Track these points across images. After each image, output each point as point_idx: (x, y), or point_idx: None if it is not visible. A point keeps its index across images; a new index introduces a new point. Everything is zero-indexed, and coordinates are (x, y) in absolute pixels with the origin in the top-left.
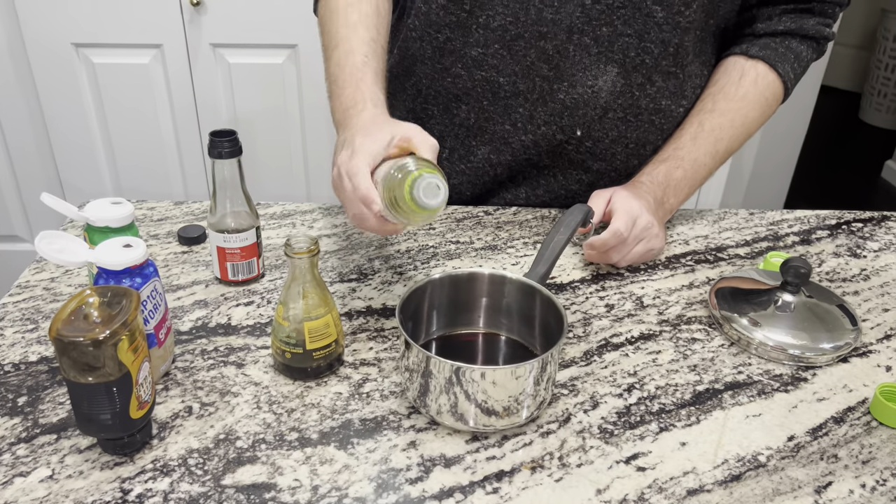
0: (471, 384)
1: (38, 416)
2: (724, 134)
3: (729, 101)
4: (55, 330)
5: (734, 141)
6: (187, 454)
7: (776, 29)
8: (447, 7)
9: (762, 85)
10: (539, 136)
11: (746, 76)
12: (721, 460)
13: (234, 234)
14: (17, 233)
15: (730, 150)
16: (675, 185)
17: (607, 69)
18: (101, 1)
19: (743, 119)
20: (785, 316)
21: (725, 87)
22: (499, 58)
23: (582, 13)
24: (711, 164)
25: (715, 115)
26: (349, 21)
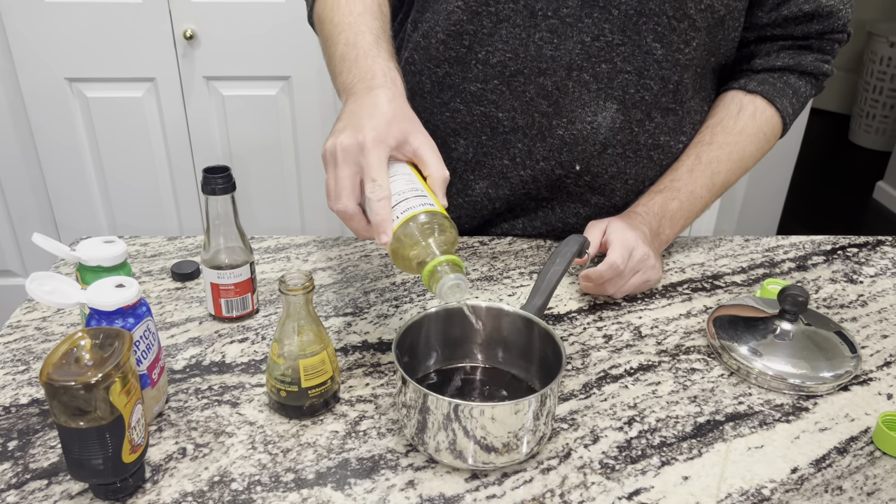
0: (469, 420)
1: (28, 460)
2: (721, 167)
3: (727, 134)
4: (46, 374)
5: (731, 174)
6: (181, 498)
7: (774, 65)
8: (447, 42)
9: (760, 119)
10: (538, 171)
11: (745, 110)
12: (724, 494)
13: (228, 269)
14: (10, 268)
15: (726, 184)
16: (670, 217)
17: (606, 105)
18: (95, 35)
19: (740, 153)
20: (784, 344)
21: (724, 121)
22: (498, 93)
23: (581, 50)
24: (708, 196)
25: (713, 148)
26: (354, 10)
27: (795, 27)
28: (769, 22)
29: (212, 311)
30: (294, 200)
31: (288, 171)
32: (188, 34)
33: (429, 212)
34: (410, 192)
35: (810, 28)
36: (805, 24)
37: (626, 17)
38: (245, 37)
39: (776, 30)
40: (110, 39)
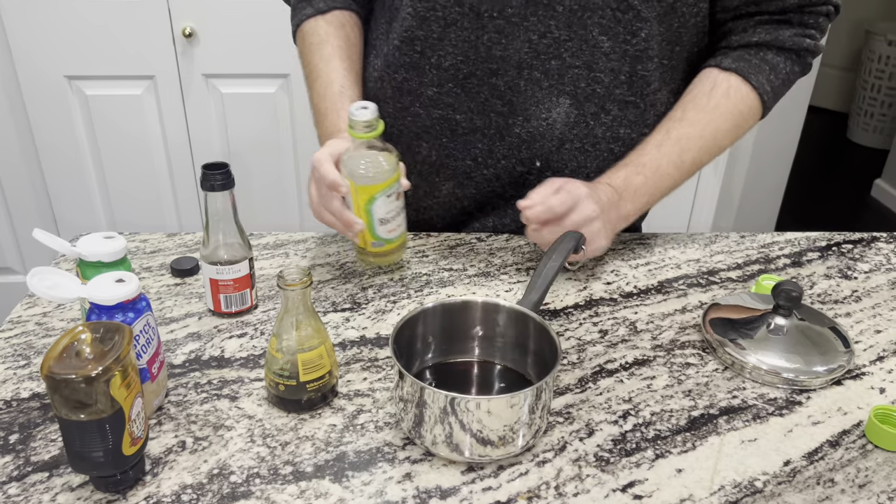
0: (466, 414)
1: (29, 453)
2: (691, 144)
3: (699, 111)
4: (47, 368)
5: (703, 153)
6: (181, 490)
7: (750, 41)
8: (401, 48)
9: (735, 97)
10: (500, 169)
11: (718, 87)
12: (718, 486)
13: (226, 265)
14: (9, 265)
15: (698, 162)
16: (633, 191)
17: (560, 101)
18: (94, 33)
19: (714, 131)
20: (778, 339)
21: (697, 98)
22: (453, 96)
23: (529, 48)
24: (675, 174)
25: (683, 125)
26: (324, 55)
27: (770, 2)
28: (742, 2)
29: (211, 306)
30: (293, 197)
31: (286, 168)
32: (187, 32)
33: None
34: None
35: (786, 3)
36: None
37: (570, 12)
38: (244, 34)
39: (750, 7)
40: (110, 37)
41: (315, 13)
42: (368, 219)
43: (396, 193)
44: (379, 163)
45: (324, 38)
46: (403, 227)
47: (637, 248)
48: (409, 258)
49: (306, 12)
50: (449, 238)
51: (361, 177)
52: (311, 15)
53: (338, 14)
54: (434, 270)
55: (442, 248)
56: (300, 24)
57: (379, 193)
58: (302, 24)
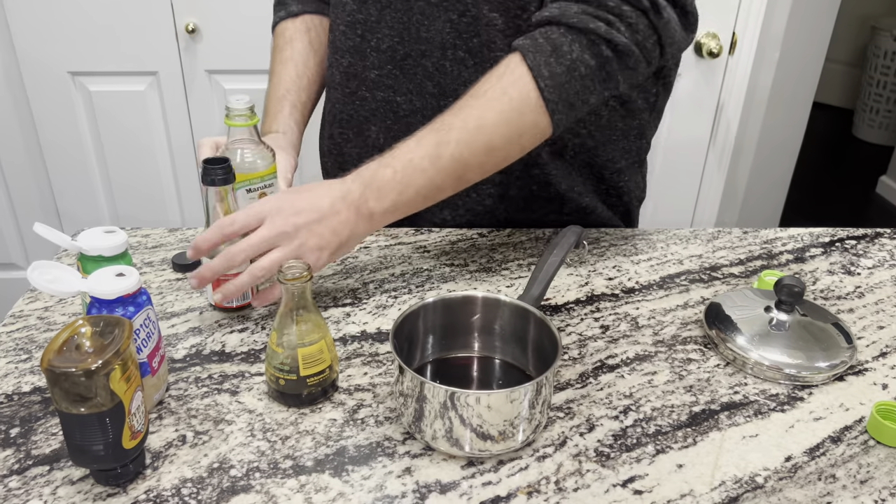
0: (465, 408)
1: (30, 447)
2: (451, 135)
3: (469, 97)
4: (47, 361)
5: (465, 147)
6: (181, 484)
7: (542, 16)
8: (346, 33)
9: (507, 80)
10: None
11: (496, 69)
12: (718, 482)
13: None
14: (13, 260)
15: (459, 159)
16: (379, 187)
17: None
18: (97, 29)
19: (477, 121)
20: (780, 335)
21: (479, 83)
22: (393, 78)
23: (451, 28)
24: (431, 170)
25: (450, 113)
26: (283, 58)
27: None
28: None
29: (212, 301)
30: None
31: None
32: (190, 28)
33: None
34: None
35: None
36: None
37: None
38: (247, 30)
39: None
40: (113, 33)
41: (287, 16)
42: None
43: (261, 193)
44: (244, 155)
45: (287, 41)
46: None
47: (639, 244)
48: (410, 253)
49: (280, 15)
50: (451, 233)
51: None
52: (283, 18)
53: (306, 18)
54: (435, 266)
55: (443, 244)
56: (274, 27)
57: (238, 185)
58: (275, 26)
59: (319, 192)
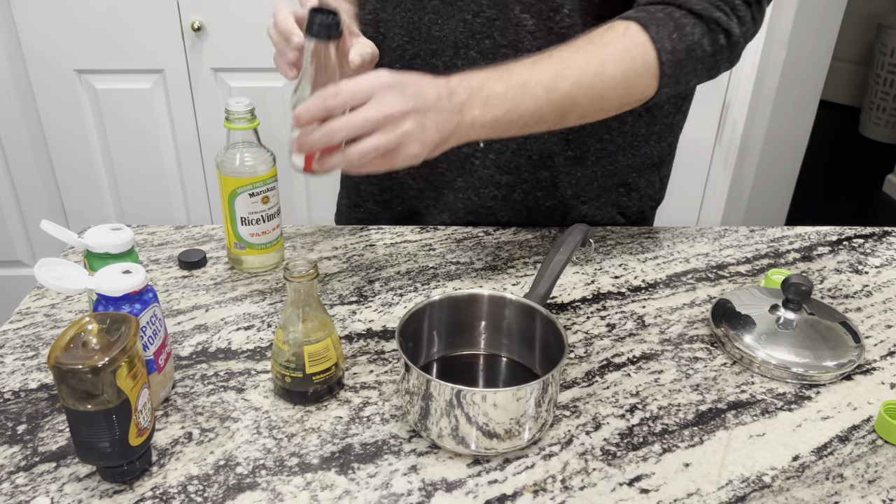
0: (472, 407)
1: (37, 444)
2: (571, 72)
3: (589, 42)
4: (54, 358)
5: (581, 89)
6: (187, 481)
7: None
8: (366, 32)
9: (630, 41)
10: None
11: (614, 29)
12: (725, 481)
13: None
14: (19, 258)
15: (572, 99)
16: (487, 97)
17: None
18: (103, 27)
19: (599, 67)
20: (787, 334)
21: (589, 34)
22: None
23: (465, 28)
24: (543, 98)
25: (569, 49)
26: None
27: None
28: None
29: (299, 164)
30: (301, 191)
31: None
32: (196, 26)
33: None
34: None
35: None
36: None
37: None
38: (253, 28)
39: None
40: (119, 31)
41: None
42: (230, 214)
43: (263, 197)
44: (245, 158)
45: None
46: (273, 237)
47: (645, 242)
48: (416, 251)
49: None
50: (456, 231)
51: (225, 167)
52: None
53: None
54: (441, 264)
55: (449, 242)
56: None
57: (241, 189)
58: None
59: (424, 83)
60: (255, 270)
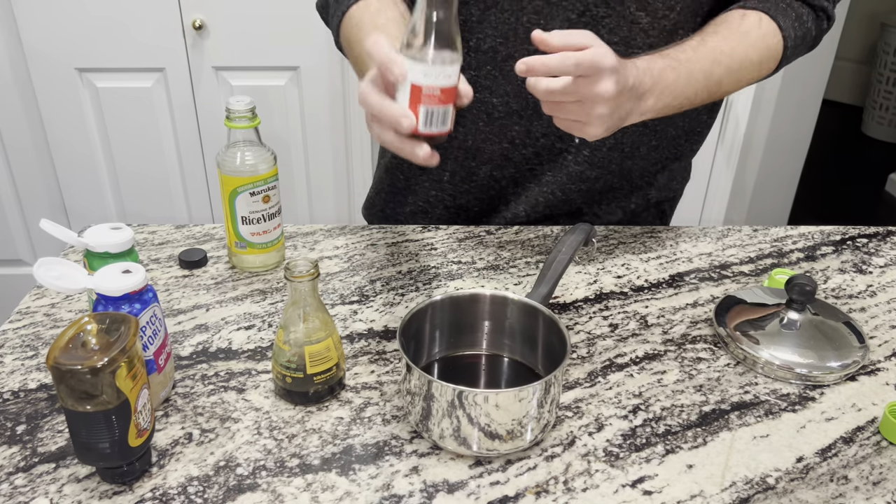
0: (473, 407)
1: (36, 444)
2: (723, 59)
3: (731, 31)
4: (52, 358)
5: (730, 73)
6: (187, 482)
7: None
8: None
9: (765, 30)
10: (539, 147)
11: (749, 18)
12: (729, 483)
13: (438, 66)
14: (20, 257)
15: (722, 83)
16: (663, 86)
17: None
18: (104, 25)
19: (743, 55)
20: (791, 334)
21: (728, 20)
22: (491, 79)
23: (568, 27)
24: (704, 84)
25: (717, 38)
26: (377, 24)
27: None
28: None
29: (404, 126)
30: (303, 189)
31: (297, 161)
32: (197, 24)
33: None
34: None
35: None
36: None
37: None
38: (254, 27)
39: None
40: (120, 30)
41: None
42: (231, 213)
43: (264, 196)
44: (245, 157)
45: (375, 12)
46: (273, 236)
47: (648, 242)
48: (417, 251)
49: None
50: (458, 231)
51: (226, 166)
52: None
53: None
54: (442, 263)
55: (450, 241)
56: (347, 10)
57: (241, 188)
58: (350, 7)
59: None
60: (255, 270)
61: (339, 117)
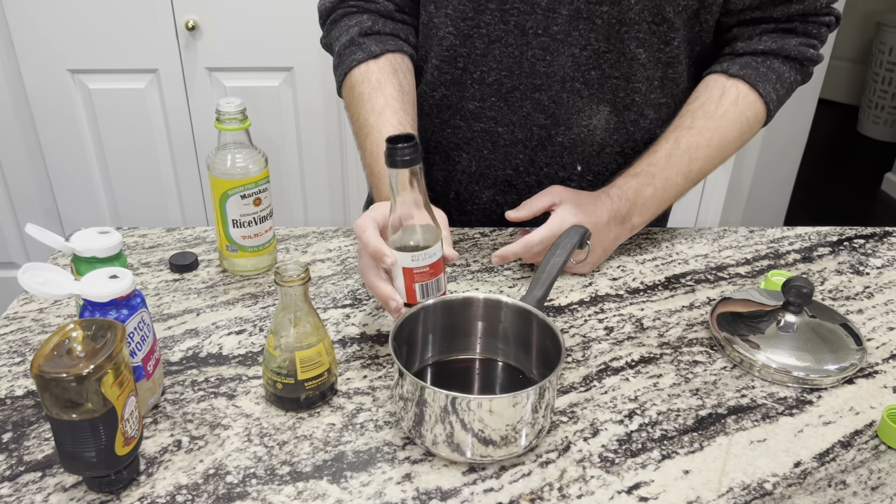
0: (467, 413)
1: (22, 452)
2: (699, 153)
3: (708, 119)
4: (37, 366)
5: (709, 161)
6: (176, 490)
7: (756, 48)
8: (441, 67)
9: (743, 105)
10: (542, 175)
11: (727, 95)
12: (726, 489)
13: (422, 251)
14: (13, 259)
15: (704, 171)
16: (642, 204)
17: (599, 109)
18: (97, 26)
19: (720, 139)
20: (788, 337)
21: (705, 105)
22: (496, 109)
23: (572, 62)
24: (684, 184)
25: (692, 133)
26: (376, 107)
27: (774, 9)
28: (747, 6)
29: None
30: (297, 191)
31: (290, 162)
32: (190, 25)
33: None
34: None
35: (790, 9)
36: (784, 6)
37: (609, 26)
38: (247, 27)
39: (755, 13)
40: (113, 31)
41: (367, 58)
42: (222, 216)
43: (255, 199)
44: (236, 159)
45: (375, 86)
46: (265, 239)
47: (644, 243)
48: None
49: (356, 57)
50: (452, 233)
51: (216, 168)
52: (362, 60)
53: (391, 58)
54: None
55: None
56: (349, 71)
57: (232, 191)
58: (351, 69)
59: (600, 212)
60: (247, 273)
61: (334, 118)
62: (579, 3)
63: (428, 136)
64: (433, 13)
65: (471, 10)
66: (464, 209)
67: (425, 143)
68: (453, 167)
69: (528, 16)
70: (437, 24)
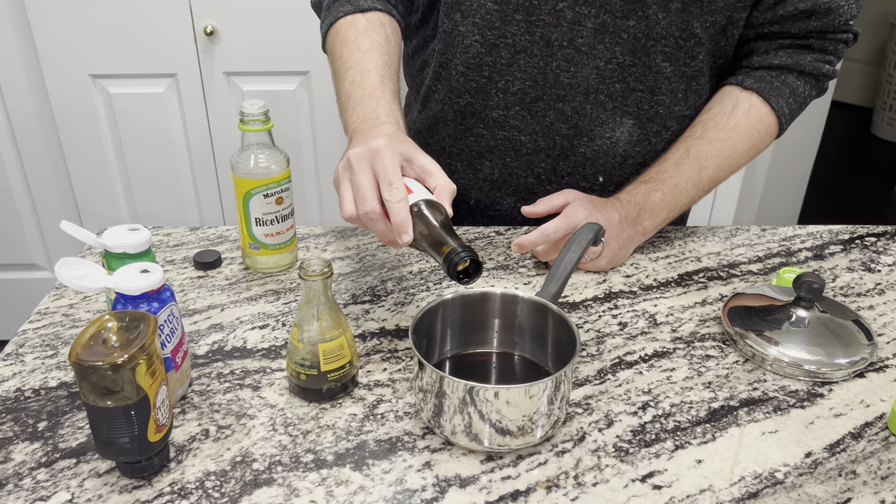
0: (485, 404)
1: (57, 440)
2: (709, 163)
3: (719, 130)
4: (75, 355)
5: (720, 171)
6: (204, 477)
7: (772, 63)
8: (466, 74)
9: (755, 117)
10: (563, 185)
11: (739, 107)
12: (738, 478)
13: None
14: (35, 261)
15: (714, 180)
16: (651, 208)
17: (623, 121)
18: (117, 32)
19: (731, 150)
20: (799, 331)
21: (717, 116)
22: (520, 118)
23: (597, 75)
24: (693, 191)
25: (703, 143)
26: (361, 47)
27: (793, 25)
28: (766, 20)
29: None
30: (313, 192)
31: (307, 165)
32: (209, 30)
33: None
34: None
35: (809, 26)
36: (803, 22)
37: (635, 40)
38: (264, 32)
39: (773, 27)
40: (133, 37)
41: (354, 10)
42: (245, 215)
43: (278, 198)
44: (259, 159)
45: (361, 31)
46: (287, 237)
47: (657, 241)
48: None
49: (344, 10)
50: (467, 231)
51: (240, 168)
52: (350, 12)
53: (379, 14)
54: None
55: None
56: (335, 21)
57: (255, 190)
58: (338, 20)
59: (611, 212)
60: (269, 270)
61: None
62: (605, 16)
63: (451, 142)
64: (459, 21)
65: (498, 20)
66: (485, 214)
67: (448, 149)
68: (476, 175)
69: (554, 28)
70: (462, 33)
